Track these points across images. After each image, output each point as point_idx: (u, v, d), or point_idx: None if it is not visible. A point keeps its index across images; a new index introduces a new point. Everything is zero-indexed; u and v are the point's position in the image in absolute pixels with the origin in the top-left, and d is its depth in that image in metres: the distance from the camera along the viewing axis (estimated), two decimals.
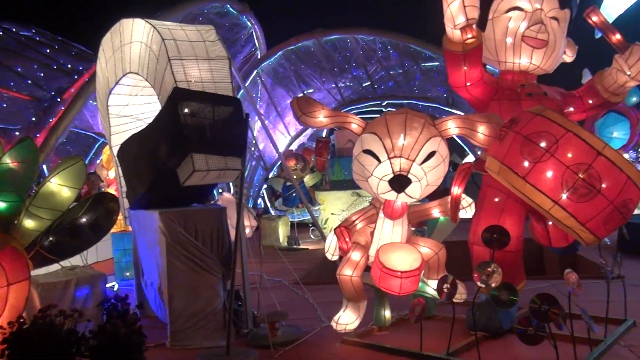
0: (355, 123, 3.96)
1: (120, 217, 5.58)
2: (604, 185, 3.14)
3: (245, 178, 4.73)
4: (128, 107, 5.58)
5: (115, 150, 5.39)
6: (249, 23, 16.74)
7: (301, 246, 10.31)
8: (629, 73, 4.02)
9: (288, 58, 16.87)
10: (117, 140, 5.48)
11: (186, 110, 4.03)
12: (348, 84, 18.37)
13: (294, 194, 10.54)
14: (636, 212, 10.73)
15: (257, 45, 17.49)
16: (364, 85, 18.03)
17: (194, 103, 4.05)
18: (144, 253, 4.95)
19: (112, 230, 6.35)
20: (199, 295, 4.36)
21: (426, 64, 16.59)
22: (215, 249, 4.50)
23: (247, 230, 6.74)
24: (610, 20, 8.94)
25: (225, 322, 4.26)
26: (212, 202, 6.73)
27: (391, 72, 17.44)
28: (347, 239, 3.92)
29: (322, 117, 3.90)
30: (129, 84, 5.29)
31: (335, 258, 4.21)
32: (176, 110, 4.04)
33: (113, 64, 5.16)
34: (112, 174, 8.52)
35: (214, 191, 7.45)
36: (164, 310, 4.49)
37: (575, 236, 3.46)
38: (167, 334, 4.34)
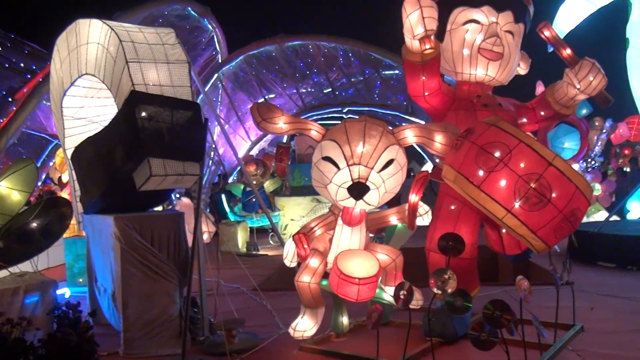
0: (314, 130, 3.97)
1: (73, 221, 5.43)
2: (554, 195, 3.25)
3: (204, 183, 4.68)
4: (83, 110, 5.43)
5: (69, 153, 5.24)
6: (210, 26, 16.60)
7: (260, 252, 10.25)
8: (578, 86, 4.18)
9: (249, 63, 16.80)
10: (71, 142, 5.33)
11: (143, 114, 3.96)
12: (309, 90, 18.42)
13: (254, 200, 10.48)
14: (584, 220, 11.13)
15: (218, 49, 17.35)
16: (325, 91, 18.11)
17: (151, 107, 3.99)
18: (98, 259, 4.83)
19: (65, 235, 6.16)
20: (154, 302, 4.28)
21: (386, 72, 16.81)
22: (172, 255, 4.42)
23: (205, 236, 6.67)
24: (562, 36, 9.32)
25: (181, 329, 4.19)
26: (170, 207, 6.64)
27: (352, 80, 17.59)
28: (306, 246, 3.92)
29: (281, 124, 3.90)
30: (85, 85, 5.16)
31: (294, 264, 4.21)
32: (133, 113, 3.96)
33: (68, 64, 5.02)
34: (65, 177, 8.28)
35: (172, 196, 7.35)
36: (117, 318, 4.38)
37: (527, 244, 3.56)
38: (121, 342, 4.24)
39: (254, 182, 11.10)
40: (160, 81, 4.31)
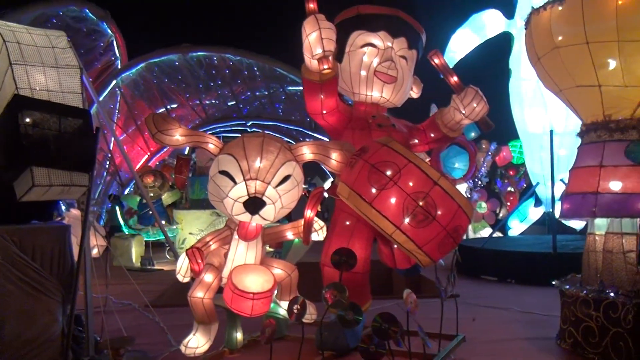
0: (212, 143, 3.93)
1: None
2: (439, 213, 3.44)
3: (96, 194, 4.45)
4: None
5: None
6: (109, 31, 15.90)
7: (156, 267, 9.90)
8: (463, 112, 4.47)
9: (151, 70, 16.29)
10: None
11: (28, 119, 3.71)
12: (213, 101, 18.19)
13: (150, 212, 10.13)
14: (471, 236, 11.82)
15: (118, 55, 16.64)
16: (229, 104, 17.97)
17: (37, 113, 3.74)
18: None
19: None
20: (34, 320, 3.99)
21: (291, 88, 17.01)
22: (56, 270, 4.15)
23: (95, 250, 6.33)
24: (454, 63, 9.95)
25: (63, 349, 3.94)
26: (59, 218, 6.24)
27: (257, 93, 17.62)
28: (200, 260, 3.85)
29: (178, 136, 3.83)
30: None
31: (187, 279, 4.12)
32: (16, 119, 3.70)
33: None
34: None
35: (61, 207, 6.91)
36: None
37: (414, 258, 3.74)
38: None
39: (152, 194, 10.73)
40: (48, 86, 4.06)
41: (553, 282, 4.79)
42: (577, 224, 9.78)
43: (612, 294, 4.09)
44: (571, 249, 7.98)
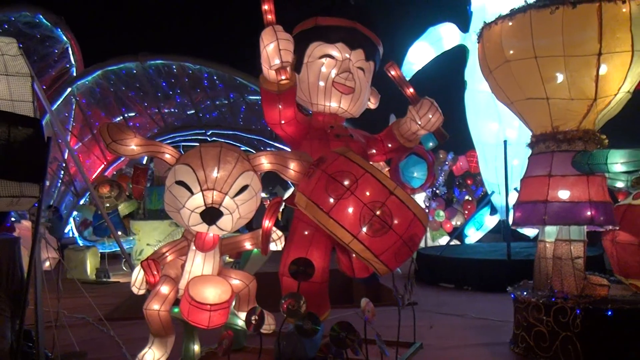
0: (168, 153, 3.89)
1: None
2: (395, 222, 3.49)
3: (48, 206, 4.32)
4: None
5: None
6: (64, 37, 15.53)
7: (111, 279, 9.67)
8: (419, 123, 4.56)
9: (107, 78, 15.95)
10: None
11: None
12: (172, 110, 17.94)
13: (106, 223, 9.90)
14: (430, 244, 11.99)
15: (73, 62, 16.25)
16: (188, 113, 17.76)
17: None
18: None
19: None
20: None
21: (251, 97, 16.95)
22: (5, 284, 4.01)
23: (47, 263, 6.15)
24: (412, 74, 10.13)
25: None
26: (14, 231, 6.04)
27: (217, 102, 17.47)
28: (155, 272, 3.79)
29: (133, 146, 3.77)
30: None
31: (142, 292, 4.04)
32: None
33: None
34: None
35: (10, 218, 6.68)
36: None
37: (371, 267, 3.78)
38: None
39: (108, 205, 10.50)
40: None
41: (507, 289, 4.92)
42: (530, 232, 10.08)
43: (561, 299, 4.24)
44: (524, 256, 8.22)
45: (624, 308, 4.09)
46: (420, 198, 12.24)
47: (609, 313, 4.07)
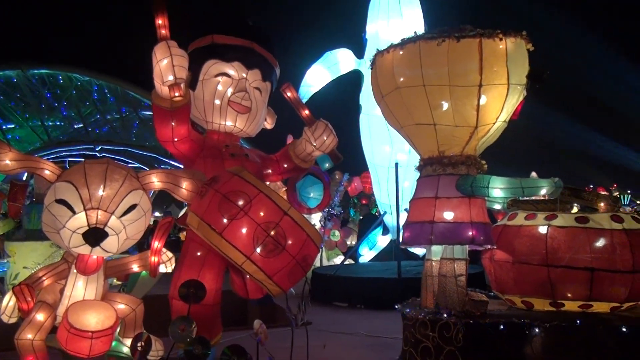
0: (48, 169, 3.62)
1: None
2: (289, 242, 3.50)
3: None
4: None
5: None
6: None
7: None
8: (314, 144, 4.64)
9: None
10: None
11: None
12: (57, 123, 16.92)
13: None
14: (325, 263, 12.14)
15: None
16: (75, 127, 16.82)
17: None
18: None
19: None
20: None
21: (145, 113, 16.41)
22: None
23: None
24: (309, 96, 10.31)
25: None
26: None
27: (107, 117, 16.74)
28: (29, 298, 3.49)
29: (8, 161, 3.48)
30: None
31: (13, 320, 3.70)
32: None
33: None
34: None
35: None
36: None
37: (264, 288, 3.75)
38: None
39: None
40: None
41: (396, 306, 5.08)
42: (419, 251, 10.52)
43: (445, 315, 4.45)
44: (414, 274, 8.56)
45: (500, 321, 4.37)
46: (316, 218, 12.40)
47: (487, 327, 4.33)
